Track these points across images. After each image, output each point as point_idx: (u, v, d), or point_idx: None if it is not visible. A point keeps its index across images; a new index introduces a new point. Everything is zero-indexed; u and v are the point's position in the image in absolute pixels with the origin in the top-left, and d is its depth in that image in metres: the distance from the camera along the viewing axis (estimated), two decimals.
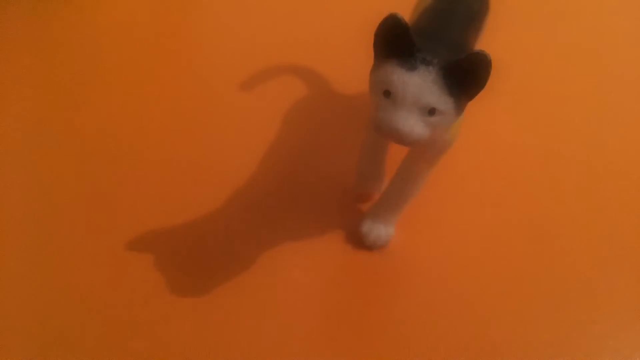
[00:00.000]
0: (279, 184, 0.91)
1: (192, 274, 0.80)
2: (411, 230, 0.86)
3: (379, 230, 0.82)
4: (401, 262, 0.83)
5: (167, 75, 1.09)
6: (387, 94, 0.61)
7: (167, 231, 0.84)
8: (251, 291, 0.79)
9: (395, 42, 0.61)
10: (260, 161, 0.94)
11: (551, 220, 0.89)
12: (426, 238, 0.86)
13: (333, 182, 0.92)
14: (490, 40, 0.85)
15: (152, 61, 1.12)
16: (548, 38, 1.22)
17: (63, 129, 0.98)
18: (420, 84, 0.60)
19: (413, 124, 0.60)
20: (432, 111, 0.61)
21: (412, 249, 0.84)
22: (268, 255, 0.83)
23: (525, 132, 1.02)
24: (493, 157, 0.97)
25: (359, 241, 0.84)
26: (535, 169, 0.96)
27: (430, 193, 0.84)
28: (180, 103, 1.03)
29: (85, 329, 0.74)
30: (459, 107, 0.62)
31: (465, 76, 0.60)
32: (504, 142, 1.00)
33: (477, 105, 0.78)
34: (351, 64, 1.02)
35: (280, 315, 0.77)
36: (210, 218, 0.87)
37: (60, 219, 0.86)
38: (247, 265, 0.82)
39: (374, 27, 0.63)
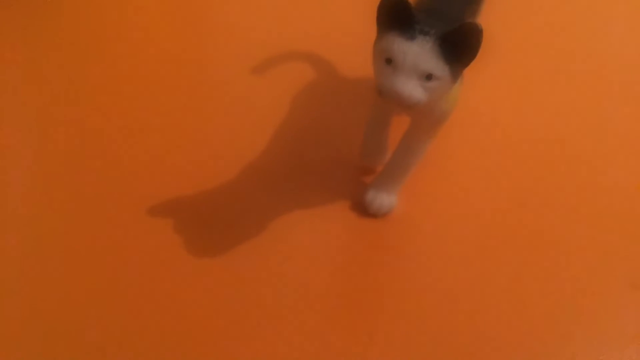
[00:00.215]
0: (288, 158, 0.98)
1: (207, 238, 0.86)
2: (412, 199, 0.91)
3: (382, 199, 0.88)
4: (403, 228, 0.89)
5: (184, 60, 1.15)
6: (389, 61, 0.67)
7: (184, 200, 0.91)
8: (263, 255, 0.85)
9: (395, 15, 0.67)
10: (272, 137, 1.00)
11: (547, 191, 0.94)
12: (426, 206, 0.91)
13: (339, 157, 0.98)
14: (488, 17, 0.90)
15: (171, 48, 1.18)
16: (546, 16, 1.28)
17: (89, 108, 1.05)
18: (418, 52, 0.66)
19: (412, 88, 0.67)
20: (429, 77, 0.67)
21: (413, 216, 0.90)
22: (278, 223, 0.89)
23: (522, 107, 1.08)
24: (491, 131, 1.03)
25: (363, 209, 0.90)
26: (532, 143, 1.01)
27: (430, 164, 0.91)
28: (197, 86, 1.10)
29: (107, 287, 0.80)
30: (454, 74, 0.68)
31: (459, 45, 0.66)
32: (501, 116, 1.06)
33: (475, 81, 0.84)
34: (356, 51, 1.08)
35: (289, 277, 0.82)
36: (224, 189, 0.93)
37: (86, 189, 0.92)
38: (259, 231, 0.87)
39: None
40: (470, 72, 0.76)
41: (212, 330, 0.76)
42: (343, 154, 0.98)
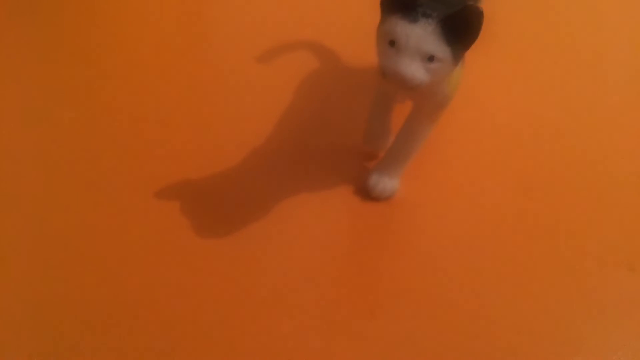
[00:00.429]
0: (293, 144, 1.00)
1: (214, 220, 0.88)
2: (414, 183, 0.93)
3: (385, 183, 0.90)
4: (404, 211, 0.91)
5: (190, 49, 1.18)
6: (392, 43, 0.69)
7: (191, 184, 0.93)
8: (268, 236, 0.87)
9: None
10: (276, 124, 1.02)
11: (548, 176, 0.96)
12: (428, 190, 0.93)
13: (342, 143, 1.00)
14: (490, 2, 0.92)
15: (177, 37, 1.21)
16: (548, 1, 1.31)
17: (98, 95, 1.08)
18: (421, 34, 0.68)
19: (415, 69, 0.69)
20: (431, 58, 0.69)
21: (414, 200, 0.92)
22: (283, 205, 0.91)
23: (525, 92, 1.11)
24: (492, 116, 1.06)
25: (366, 193, 0.91)
26: (533, 129, 1.04)
27: (431, 149, 0.93)
28: (203, 74, 1.13)
29: (115, 265, 0.83)
30: (456, 56, 0.70)
31: (460, 27, 0.68)
32: (503, 102, 1.08)
33: (477, 66, 0.86)
34: (359, 40, 1.10)
35: (294, 257, 0.84)
36: (230, 173, 0.95)
37: (94, 173, 0.94)
38: (264, 213, 0.89)
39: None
40: (472, 57, 0.78)
41: (218, 308, 0.78)
42: (346, 139, 1.00)
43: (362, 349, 0.75)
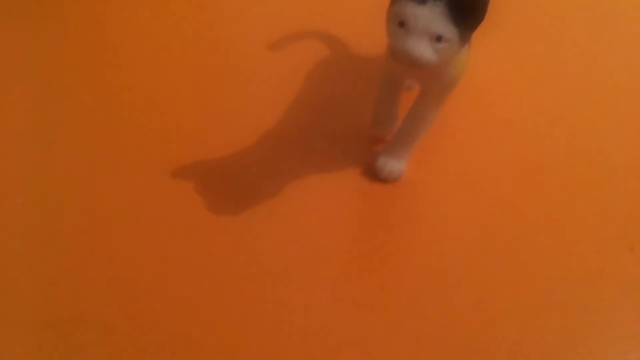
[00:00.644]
0: (304, 128, 1.03)
1: (227, 199, 0.91)
2: (421, 165, 0.96)
3: (392, 165, 0.93)
4: (411, 193, 0.94)
5: (204, 37, 1.22)
6: (402, 24, 0.72)
7: (205, 164, 0.96)
8: (280, 215, 0.90)
9: None
10: (288, 109, 1.05)
11: (551, 159, 0.99)
12: (434, 173, 0.96)
13: (351, 127, 1.03)
14: None
15: (193, 26, 1.24)
16: None
17: (114, 82, 1.11)
18: (429, 15, 0.71)
19: (423, 49, 0.72)
20: (439, 39, 0.72)
21: (421, 182, 0.95)
22: (294, 186, 0.94)
23: (530, 77, 1.13)
24: (498, 100, 1.09)
25: (374, 175, 0.94)
26: (538, 113, 1.06)
27: (438, 133, 0.95)
28: (218, 61, 1.17)
29: (133, 241, 0.86)
30: (463, 37, 0.73)
31: (467, 9, 0.71)
32: (509, 86, 1.11)
33: (483, 51, 0.89)
34: (366, 30, 1.13)
35: (305, 236, 0.87)
36: (243, 155, 0.98)
37: (113, 154, 0.98)
38: (276, 193, 0.92)
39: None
40: (478, 41, 0.81)
41: (232, 282, 0.81)
42: (355, 124, 1.03)
43: (372, 320, 0.78)
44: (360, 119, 1.03)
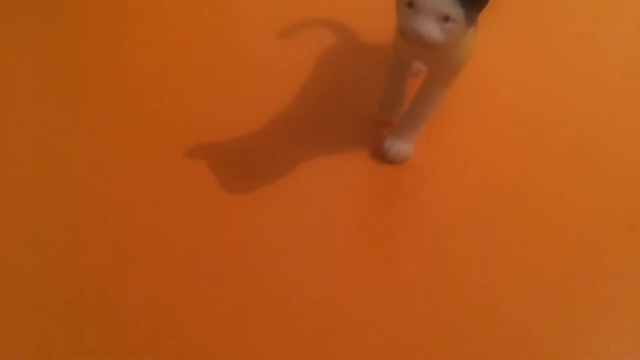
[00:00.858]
0: (313, 112, 1.05)
1: (240, 178, 0.94)
2: (427, 147, 0.99)
3: (399, 147, 0.96)
4: (417, 174, 0.96)
5: (216, 23, 1.25)
6: (410, 5, 0.75)
7: (218, 145, 0.99)
8: (289, 195, 0.92)
9: None
10: (298, 93, 1.08)
11: (553, 142, 1.01)
12: (440, 154, 0.99)
13: (359, 111, 1.06)
14: None
15: (204, 13, 1.27)
16: None
17: (126, 69, 1.14)
18: None
19: (431, 28, 0.74)
20: (446, 19, 0.74)
21: (427, 163, 0.97)
22: (304, 166, 0.96)
23: (534, 62, 1.17)
24: (503, 85, 1.12)
25: (381, 157, 0.97)
26: (541, 97, 1.09)
27: (444, 116, 0.98)
28: (230, 46, 1.20)
29: (148, 219, 0.89)
30: (469, 17, 0.76)
31: None
32: (513, 71, 1.15)
33: (489, 36, 0.92)
34: (374, 19, 1.16)
35: (314, 214, 0.90)
36: (254, 136, 1.01)
37: (130, 133, 1.01)
38: (286, 173, 0.95)
39: None
40: (484, 26, 0.84)
41: (243, 256, 0.84)
42: (363, 109, 1.06)
43: (377, 292, 0.80)
44: (368, 104, 1.06)
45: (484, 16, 0.80)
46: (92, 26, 1.25)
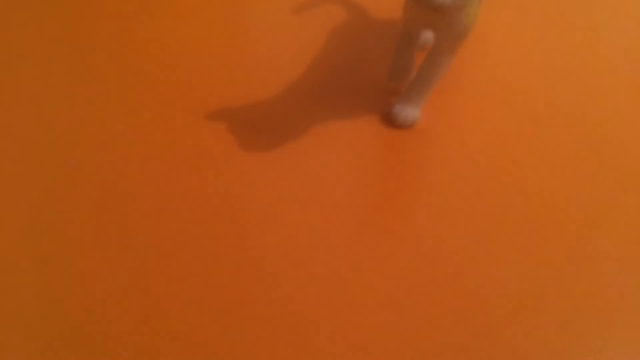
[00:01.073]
0: (325, 80, 1.11)
1: (255, 141, 1.00)
2: (434, 113, 1.04)
3: (408, 112, 1.01)
4: (425, 138, 1.02)
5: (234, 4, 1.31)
6: None
7: (236, 110, 1.04)
8: (304, 156, 0.98)
9: None
10: (311, 63, 1.14)
11: (556, 109, 1.06)
12: (447, 120, 1.04)
13: (369, 81, 1.11)
14: None
15: None
16: None
17: (149, 35, 1.20)
18: None
19: None
20: None
21: (434, 128, 1.03)
22: (316, 130, 1.02)
23: (542, 31, 1.22)
24: (508, 52, 1.16)
25: (390, 122, 1.03)
26: (546, 65, 1.14)
27: (451, 83, 1.04)
28: (245, 21, 1.25)
29: (168, 179, 0.94)
30: None
31: None
32: (519, 38, 1.20)
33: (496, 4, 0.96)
34: None
35: (325, 175, 0.95)
36: (270, 102, 1.06)
37: (150, 96, 1.07)
38: (299, 136, 1.01)
39: None
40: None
41: (263, 209, 0.90)
42: (373, 79, 1.11)
43: (387, 243, 0.86)
44: (378, 74, 1.11)
45: None
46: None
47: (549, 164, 0.98)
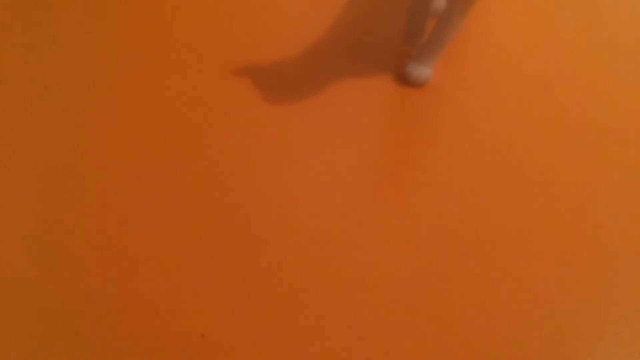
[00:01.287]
0: (343, 42, 1.17)
1: (276, 96, 1.06)
2: (446, 72, 1.10)
3: (420, 70, 1.07)
4: (436, 96, 1.08)
5: None
6: None
7: (259, 68, 1.11)
8: (322, 111, 1.04)
9: None
10: (329, 27, 1.20)
11: (559, 72, 1.12)
12: (457, 79, 1.10)
13: (384, 43, 1.17)
14: None
15: None
16: None
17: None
18: None
19: None
20: None
21: (446, 87, 1.09)
22: (334, 87, 1.08)
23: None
24: (518, 15, 1.23)
25: (404, 80, 1.09)
26: (557, 26, 1.21)
27: (460, 46, 1.10)
28: None
29: (196, 133, 1.02)
30: None
31: None
32: (525, 2, 1.25)
33: None
34: None
35: (341, 126, 1.02)
36: (289, 61, 1.12)
37: (175, 52, 1.14)
38: (317, 92, 1.07)
39: None
40: None
41: (282, 154, 0.97)
42: (388, 41, 1.18)
43: (399, 193, 0.93)
44: (393, 37, 1.17)
45: None
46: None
47: (550, 126, 1.04)
